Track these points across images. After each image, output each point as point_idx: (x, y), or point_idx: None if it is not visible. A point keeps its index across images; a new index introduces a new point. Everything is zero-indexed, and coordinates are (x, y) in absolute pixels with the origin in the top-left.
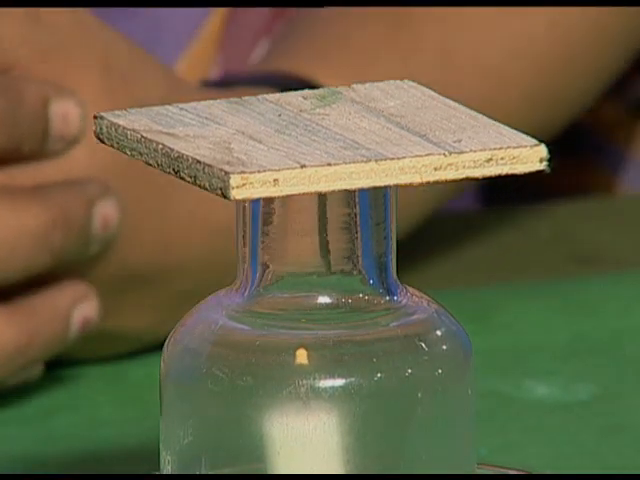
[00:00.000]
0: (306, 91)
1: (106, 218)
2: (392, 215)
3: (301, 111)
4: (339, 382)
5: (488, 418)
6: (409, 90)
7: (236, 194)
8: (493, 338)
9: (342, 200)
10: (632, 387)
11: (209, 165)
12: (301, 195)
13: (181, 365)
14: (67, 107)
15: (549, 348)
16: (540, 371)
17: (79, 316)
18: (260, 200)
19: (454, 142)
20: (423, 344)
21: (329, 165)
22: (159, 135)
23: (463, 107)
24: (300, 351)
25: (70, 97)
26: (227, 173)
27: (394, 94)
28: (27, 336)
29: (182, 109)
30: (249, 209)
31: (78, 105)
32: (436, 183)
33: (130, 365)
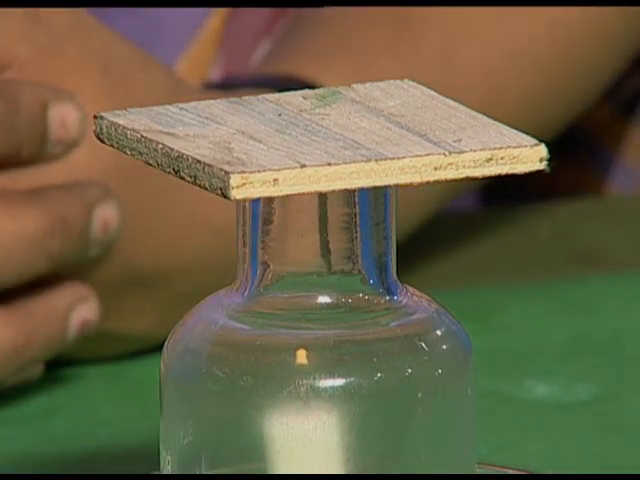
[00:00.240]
0: (306, 91)
1: (106, 221)
2: (392, 215)
3: (301, 111)
4: (339, 382)
5: (488, 418)
6: (409, 90)
7: (236, 194)
8: (493, 338)
9: (342, 200)
10: (632, 387)
11: (209, 165)
12: (301, 195)
13: (181, 365)
14: (65, 111)
15: (549, 348)
16: (540, 371)
17: (78, 317)
18: (260, 200)
19: (454, 142)
20: (423, 344)
21: (329, 165)
22: (159, 135)
23: (463, 107)
24: (300, 351)
25: (68, 100)
26: (227, 173)
27: (394, 94)
28: (24, 337)
29: (182, 109)
30: (249, 209)
31: (77, 108)
32: (436, 183)
33: (130, 365)
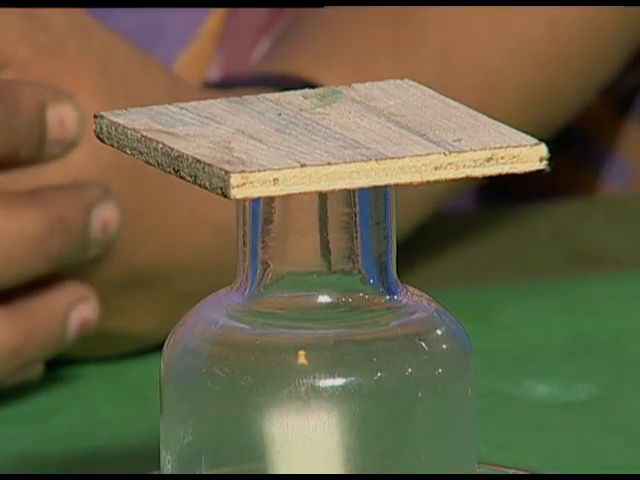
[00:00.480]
0: (306, 90)
1: (105, 222)
2: (392, 214)
3: (301, 110)
4: (339, 381)
5: (488, 418)
6: (409, 89)
7: (236, 193)
8: (493, 338)
9: (342, 199)
10: (632, 387)
11: (209, 164)
12: (301, 194)
13: (181, 365)
14: (64, 111)
15: (549, 348)
16: (540, 371)
17: (77, 317)
18: (260, 199)
19: (454, 141)
20: (423, 343)
21: (329, 164)
22: (159, 134)
23: (463, 106)
24: (300, 351)
25: (67, 101)
26: (227, 172)
27: (394, 93)
28: (24, 337)
29: (182, 108)
30: (249, 208)
31: (75, 109)
32: (436, 182)
33: (130, 364)
